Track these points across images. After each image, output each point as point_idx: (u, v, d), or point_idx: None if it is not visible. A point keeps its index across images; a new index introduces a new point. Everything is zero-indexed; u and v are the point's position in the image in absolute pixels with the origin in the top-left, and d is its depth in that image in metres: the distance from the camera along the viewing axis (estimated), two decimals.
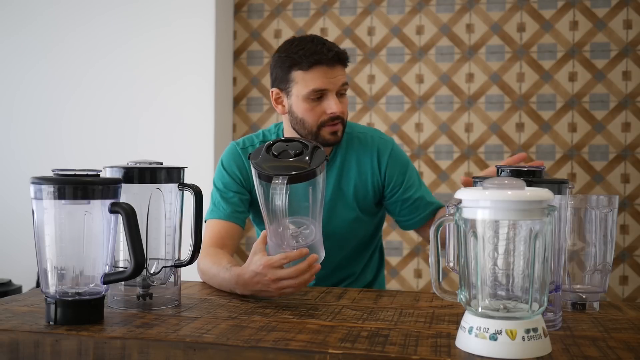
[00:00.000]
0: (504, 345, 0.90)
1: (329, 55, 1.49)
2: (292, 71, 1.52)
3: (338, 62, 1.51)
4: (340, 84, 1.52)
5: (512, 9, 3.02)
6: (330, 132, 1.53)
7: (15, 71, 3.23)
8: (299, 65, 1.51)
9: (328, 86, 1.51)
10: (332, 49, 1.51)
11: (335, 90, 1.52)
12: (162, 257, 1.22)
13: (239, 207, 1.59)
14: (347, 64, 1.57)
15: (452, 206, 1.00)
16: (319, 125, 1.53)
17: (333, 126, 1.53)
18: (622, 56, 2.93)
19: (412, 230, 1.74)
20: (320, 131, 1.54)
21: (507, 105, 3.03)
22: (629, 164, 2.94)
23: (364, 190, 1.65)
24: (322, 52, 1.49)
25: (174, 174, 1.22)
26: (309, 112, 1.52)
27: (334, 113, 1.51)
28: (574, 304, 1.23)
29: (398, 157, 1.68)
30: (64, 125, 3.17)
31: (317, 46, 1.51)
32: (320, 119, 1.52)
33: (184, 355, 0.98)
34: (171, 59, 3.06)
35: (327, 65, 1.50)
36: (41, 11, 3.19)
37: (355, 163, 1.65)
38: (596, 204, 1.21)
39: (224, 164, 1.64)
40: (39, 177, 1.06)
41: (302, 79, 1.51)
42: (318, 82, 1.50)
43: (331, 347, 0.95)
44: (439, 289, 0.99)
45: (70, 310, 1.07)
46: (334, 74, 1.51)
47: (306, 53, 1.50)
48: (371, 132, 1.70)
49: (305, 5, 3.20)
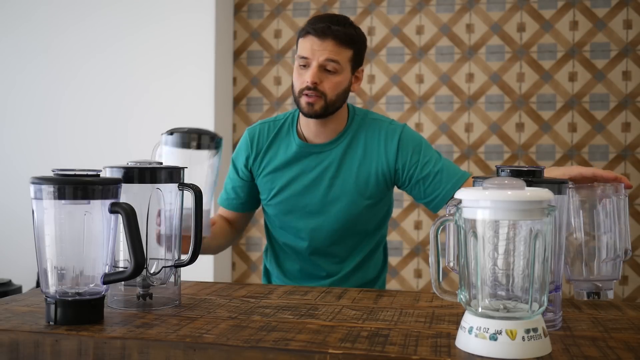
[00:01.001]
0: (504, 345, 0.90)
1: (318, 26, 1.56)
2: (299, 39, 1.63)
3: (330, 36, 1.56)
4: (325, 57, 1.57)
5: (512, 9, 3.02)
6: (306, 102, 1.60)
7: (12, 69, 3.23)
8: (300, 33, 1.63)
9: (309, 55, 1.58)
10: (328, 22, 1.57)
11: (317, 61, 1.57)
12: (162, 257, 1.22)
13: (230, 194, 1.79)
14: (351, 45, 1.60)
15: (452, 206, 1.00)
16: (299, 92, 1.61)
17: (308, 97, 1.59)
18: (622, 56, 2.94)
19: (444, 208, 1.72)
20: (300, 99, 1.61)
21: (507, 105, 3.03)
22: (629, 164, 2.94)
23: (366, 172, 1.67)
24: (314, 23, 1.58)
25: (174, 174, 1.22)
26: (296, 79, 1.62)
27: (308, 82, 1.57)
28: (589, 293, 1.24)
29: (409, 138, 1.69)
30: (62, 125, 3.17)
31: (318, 18, 1.60)
32: (300, 86, 1.60)
33: (184, 355, 0.98)
34: (171, 59, 3.06)
35: (316, 37, 1.57)
36: (38, 9, 3.19)
37: (362, 145, 1.68)
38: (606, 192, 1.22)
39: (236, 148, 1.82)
40: (39, 177, 1.06)
41: (299, 46, 1.62)
42: (303, 50, 1.59)
43: (331, 347, 0.95)
44: (439, 289, 0.99)
45: (70, 310, 1.07)
46: (321, 47, 1.57)
47: (308, 23, 1.61)
48: (383, 119, 1.74)
49: (305, 5, 3.20)
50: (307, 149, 1.69)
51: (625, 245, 1.23)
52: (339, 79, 1.60)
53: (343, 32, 1.58)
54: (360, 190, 1.68)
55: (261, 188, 1.75)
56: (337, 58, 1.58)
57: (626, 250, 1.24)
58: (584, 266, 1.24)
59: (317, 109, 1.60)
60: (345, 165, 1.68)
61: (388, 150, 1.68)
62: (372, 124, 1.71)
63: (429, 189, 1.67)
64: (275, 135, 1.73)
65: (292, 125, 1.73)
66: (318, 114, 1.61)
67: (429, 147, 1.71)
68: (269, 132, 1.74)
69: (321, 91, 1.59)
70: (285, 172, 1.71)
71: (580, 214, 1.23)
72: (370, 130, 1.70)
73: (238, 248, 3.22)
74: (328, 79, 1.59)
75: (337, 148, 1.69)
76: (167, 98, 3.06)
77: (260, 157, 1.74)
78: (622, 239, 1.23)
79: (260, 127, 1.76)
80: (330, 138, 1.69)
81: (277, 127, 1.74)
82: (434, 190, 1.67)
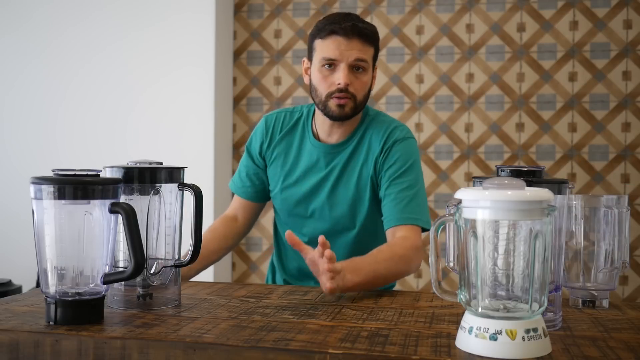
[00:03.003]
0: (504, 345, 0.90)
1: (345, 25, 1.52)
2: (315, 40, 1.57)
3: (356, 35, 1.52)
4: (354, 57, 1.52)
5: (512, 9, 3.02)
6: (337, 104, 1.55)
7: (12, 69, 3.22)
8: (319, 34, 1.56)
9: (338, 57, 1.53)
10: (353, 21, 1.53)
11: (346, 62, 1.53)
12: (162, 257, 1.22)
13: (245, 182, 1.75)
14: (373, 42, 1.57)
15: (452, 206, 1.00)
16: (327, 95, 1.55)
17: (339, 99, 1.54)
18: (622, 56, 2.94)
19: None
20: (328, 102, 1.56)
21: (507, 105, 3.03)
22: (629, 164, 2.94)
23: (367, 175, 1.64)
24: (339, 22, 1.53)
25: (174, 174, 1.22)
26: (321, 81, 1.56)
27: (340, 84, 1.53)
28: (585, 301, 1.24)
29: (401, 149, 1.61)
30: (62, 125, 3.17)
31: (340, 17, 1.55)
32: (329, 89, 1.55)
33: (184, 355, 0.98)
34: (171, 59, 3.06)
35: (343, 36, 1.52)
36: (38, 9, 3.19)
37: (367, 147, 1.65)
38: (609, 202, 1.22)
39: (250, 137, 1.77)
40: (39, 177, 1.06)
41: (320, 47, 1.56)
42: (330, 51, 1.53)
43: (331, 347, 0.95)
44: (439, 289, 0.99)
45: (70, 310, 1.07)
46: (348, 47, 1.52)
47: (327, 22, 1.55)
48: (390, 121, 1.67)
49: (305, 5, 3.20)
50: (320, 149, 1.66)
51: (624, 258, 1.24)
52: (366, 78, 1.58)
53: (368, 30, 1.55)
54: (361, 194, 1.65)
55: (270, 178, 1.73)
56: (365, 57, 1.55)
57: (624, 262, 1.24)
58: (581, 274, 1.24)
59: (347, 110, 1.56)
60: (349, 168, 1.65)
61: (383, 150, 1.63)
62: (378, 125, 1.66)
63: (385, 207, 1.59)
64: (292, 127, 1.70)
65: (307, 121, 1.69)
66: (349, 116, 1.58)
67: (415, 170, 1.61)
68: (284, 123, 1.71)
69: (352, 92, 1.55)
70: (294, 169, 1.68)
71: (582, 221, 1.24)
72: (375, 131, 1.65)
73: (238, 248, 3.22)
74: (358, 79, 1.55)
75: (345, 151, 1.65)
76: (167, 98, 3.06)
77: (273, 145, 1.70)
78: (622, 250, 1.23)
79: (277, 115, 1.72)
80: (342, 139, 1.65)
81: (293, 119, 1.71)
82: (386, 211, 1.58)
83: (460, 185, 3.06)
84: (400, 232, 1.53)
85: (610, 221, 1.22)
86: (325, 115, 1.59)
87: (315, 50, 1.57)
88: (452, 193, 3.00)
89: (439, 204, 3.07)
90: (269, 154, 1.71)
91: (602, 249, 1.24)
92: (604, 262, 1.24)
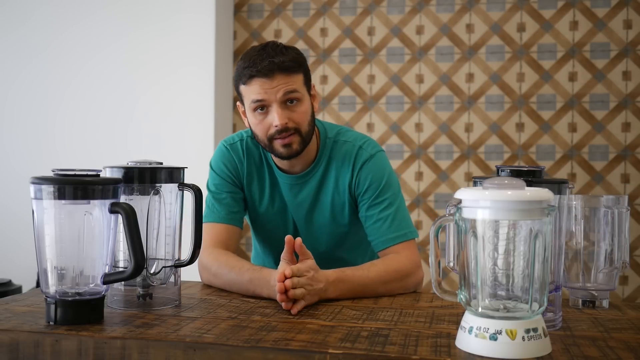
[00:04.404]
0: (504, 345, 0.90)
1: (262, 66, 1.41)
2: (240, 86, 1.48)
3: (277, 71, 1.42)
4: (282, 93, 1.43)
5: (512, 9, 3.02)
6: (282, 145, 1.46)
7: (12, 69, 3.22)
8: (242, 80, 1.46)
9: (265, 97, 1.43)
10: (269, 58, 1.42)
11: (276, 100, 1.43)
12: (162, 257, 1.22)
13: (233, 207, 1.58)
14: (297, 69, 1.46)
15: (452, 206, 1.00)
16: (268, 138, 1.47)
17: (283, 139, 1.45)
18: (622, 56, 2.93)
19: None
20: (273, 144, 1.47)
21: (507, 105, 3.03)
22: (629, 164, 2.94)
23: (340, 202, 1.58)
24: (255, 63, 1.42)
25: (174, 174, 1.22)
26: (258, 126, 1.48)
27: (278, 126, 1.43)
28: (585, 301, 1.25)
29: (372, 169, 1.55)
30: (62, 125, 3.17)
31: (256, 57, 1.44)
32: (268, 132, 1.46)
33: (184, 355, 0.98)
34: (171, 59, 3.06)
35: (264, 76, 1.42)
36: (38, 9, 3.19)
37: (335, 173, 1.58)
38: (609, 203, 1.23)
39: (212, 166, 1.63)
40: (39, 177, 1.06)
41: (245, 92, 1.47)
42: (254, 94, 1.44)
43: (331, 347, 0.95)
44: (439, 289, 0.99)
45: (70, 310, 1.07)
46: (272, 84, 1.42)
47: (245, 66, 1.45)
48: (353, 141, 1.59)
49: (305, 5, 3.20)
50: (285, 180, 1.58)
51: (624, 258, 1.24)
52: (304, 107, 1.47)
53: (288, 60, 1.43)
54: (337, 221, 1.60)
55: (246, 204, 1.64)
56: (294, 87, 1.44)
57: (624, 262, 1.24)
58: (581, 274, 1.24)
59: (296, 147, 1.47)
60: (321, 197, 1.59)
61: (353, 175, 1.56)
62: (341, 148, 1.57)
63: (368, 230, 1.55)
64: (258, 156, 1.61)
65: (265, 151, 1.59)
66: (299, 152, 1.49)
67: (391, 186, 1.55)
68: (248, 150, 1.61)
69: (293, 128, 1.45)
70: (263, 203, 1.61)
71: (582, 221, 1.24)
72: (340, 155, 1.57)
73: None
74: (294, 112, 1.45)
75: (312, 180, 1.58)
76: (167, 98, 3.06)
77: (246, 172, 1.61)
78: (622, 250, 1.23)
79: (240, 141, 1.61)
80: (306, 168, 1.57)
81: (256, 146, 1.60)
82: (371, 233, 1.54)
83: (460, 185, 3.06)
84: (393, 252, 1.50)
85: (610, 221, 1.23)
86: (276, 157, 1.52)
87: (243, 96, 1.48)
88: (452, 193, 3.00)
89: (439, 204, 3.07)
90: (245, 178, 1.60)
91: (602, 249, 1.24)
92: (604, 262, 1.24)
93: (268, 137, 1.47)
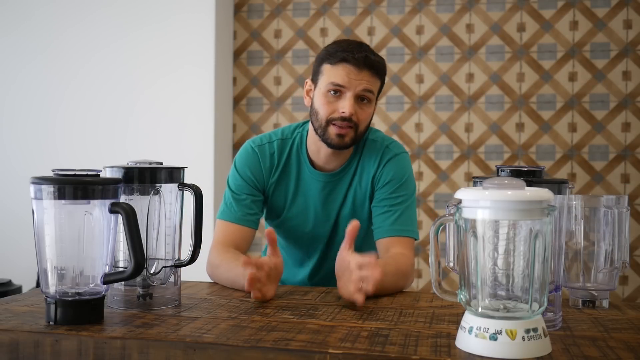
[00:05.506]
0: (504, 345, 0.90)
1: (358, 55, 1.50)
2: (323, 64, 1.54)
3: (367, 67, 1.50)
4: (362, 87, 1.50)
5: (512, 9, 3.02)
6: (337, 133, 1.52)
7: (12, 69, 3.22)
8: (329, 59, 1.53)
9: (347, 84, 1.50)
10: (365, 52, 1.51)
11: (354, 91, 1.50)
12: (162, 257, 1.22)
13: (251, 209, 1.61)
14: (381, 76, 1.54)
15: (452, 206, 1.00)
16: (327, 120, 1.52)
17: (341, 128, 1.51)
18: (622, 56, 2.94)
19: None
20: (328, 127, 1.53)
21: (507, 105, 3.03)
22: (629, 164, 2.94)
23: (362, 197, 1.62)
24: (352, 51, 1.51)
25: (174, 174, 1.22)
26: (324, 106, 1.53)
27: (344, 113, 1.50)
28: (585, 301, 1.25)
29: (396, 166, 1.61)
30: (62, 125, 3.17)
31: (353, 46, 1.52)
32: (331, 115, 1.52)
33: (184, 355, 0.98)
34: (171, 59, 3.06)
35: (354, 65, 1.50)
36: (38, 9, 3.19)
37: (366, 172, 1.62)
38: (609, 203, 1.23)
39: (236, 167, 1.64)
40: (39, 177, 1.06)
41: (328, 72, 1.53)
42: (339, 78, 1.51)
43: (331, 347, 0.95)
44: (439, 289, 0.99)
45: (70, 310, 1.07)
46: (358, 76, 1.50)
47: (339, 49, 1.52)
48: (381, 140, 1.65)
49: (305, 5, 3.20)
50: (319, 178, 1.62)
51: (624, 258, 1.24)
52: (371, 109, 1.55)
53: (378, 63, 1.53)
54: (358, 216, 1.62)
55: (271, 208, 1.67)
56: (372, 88, 1.52)
57: (624, 262, 1.24)
58: (581, 274, 1.24)
59: (347, 140, 1.53)
60: (350, 195, 1.63)
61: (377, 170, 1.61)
62: (370, 146, 1.64)
63: (376, 218, 1.60)
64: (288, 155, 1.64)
65: (301, 148, 1.64)
66: (347, 146, 1.55)
67: (408, 186, 1.61)
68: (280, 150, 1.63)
69: (355, 122, 1.52)
70: (295, 201, 1.64)
71: (582, 221, 1.24)
72: (368, 152, 1.63)
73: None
74: (362, 109, 1.52)
75: (344, 178, 1.63)
76: (167, 98, 3.06)
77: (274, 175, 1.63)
78: (622, 250, 1.23)
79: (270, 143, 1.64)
80: (339, 166, 1.62)
81: (287, 146, 1.64)
82: (376, 221, 1.59)
83: (460, 185, 3.06)
84: (394, 245, 1.54)
85: (610, 221, 1.23)
86: (323, 142, 1.55)
87: (323, 74, 1.54)
88: (452, 193, 3.00)
89: (439, 204, 3.07)
90: (270, 184, 1.63)
91: (602, 249, 1.24)
92: (604, 262, 1.24)
93: (328, 119, 1.52)
